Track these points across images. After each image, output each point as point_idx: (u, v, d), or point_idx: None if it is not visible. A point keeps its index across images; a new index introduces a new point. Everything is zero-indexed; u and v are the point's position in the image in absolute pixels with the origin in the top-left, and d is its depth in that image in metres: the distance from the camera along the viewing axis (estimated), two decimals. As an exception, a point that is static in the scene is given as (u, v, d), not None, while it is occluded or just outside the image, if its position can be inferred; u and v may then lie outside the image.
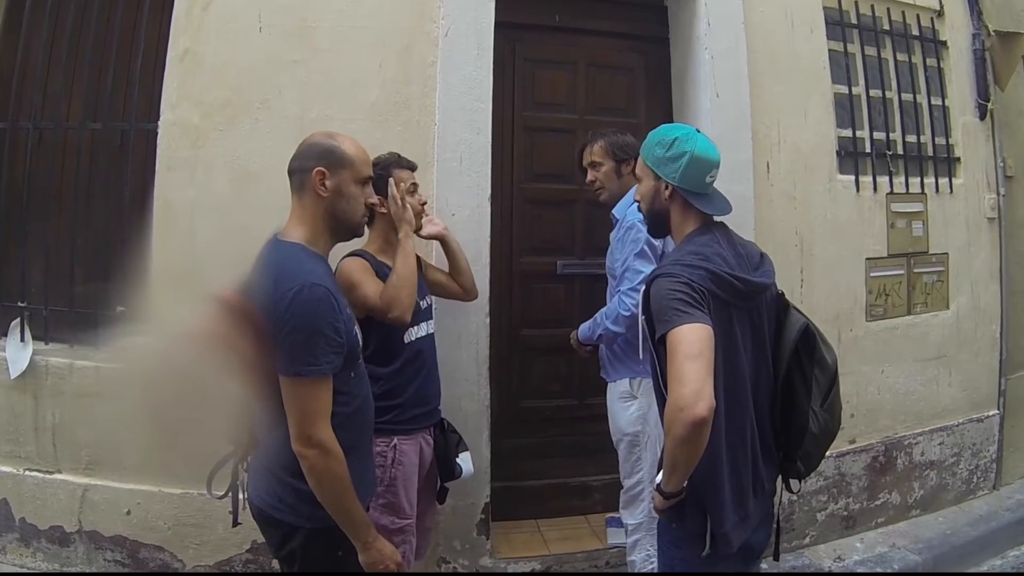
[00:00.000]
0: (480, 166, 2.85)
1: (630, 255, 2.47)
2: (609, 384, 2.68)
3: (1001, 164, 3.95)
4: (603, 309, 2.58)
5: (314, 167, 1.64)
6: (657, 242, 2.46)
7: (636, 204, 2.54)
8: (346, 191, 1.67)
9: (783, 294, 1.81)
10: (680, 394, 1.43)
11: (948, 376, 3.74)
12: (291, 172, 1.69)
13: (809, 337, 1.72)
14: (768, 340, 1.73)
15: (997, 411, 3.90)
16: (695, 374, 1.43)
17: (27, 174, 2.90)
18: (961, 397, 3.78)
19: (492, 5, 2.90)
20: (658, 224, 1.81)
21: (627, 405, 2.57)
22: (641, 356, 1.70)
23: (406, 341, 2.26)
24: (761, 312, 1.70)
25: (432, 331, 2.41)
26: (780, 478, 1.82)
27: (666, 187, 1.72)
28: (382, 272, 2.20)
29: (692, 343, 1.47)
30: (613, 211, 2.66)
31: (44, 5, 2.92)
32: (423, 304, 2.35)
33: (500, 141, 3.07)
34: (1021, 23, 3.96)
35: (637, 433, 2.55)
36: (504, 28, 2.99)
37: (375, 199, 1.80)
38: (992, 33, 3.85)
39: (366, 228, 2.21)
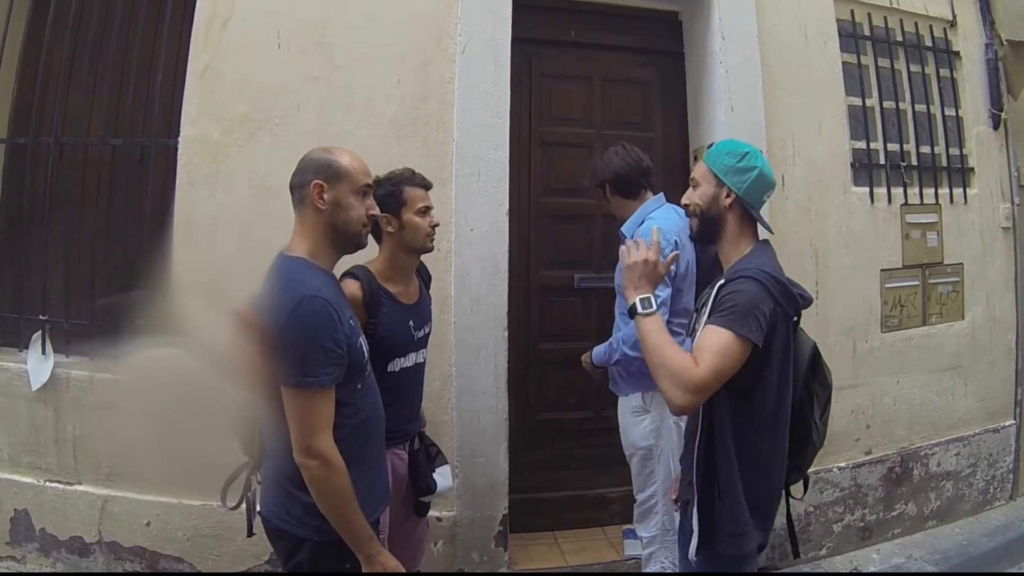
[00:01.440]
0: (498, 181, 2.88)
1: None
2: (621, 398, 2.67)
3: (1015, 173, 3.95)
4: (618, 334, 2.53)
5: (312, 181, 1.66)
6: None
7: (646, 221, 2.58)
8: (344, 203, 1.68)
9: None
10: (704, 380, 1.53)
11: (964, 386, 3.73)
12: (292, 188, 1.72)
13: (816, 356, 1.78)
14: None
15: (1013, 421, 3.88)
16: (716, 385, 1.56)
17: (48, 189, 2.92)
18: (977, 407, 3.77)
19: (509, 22, 2.92)
20: (709, 230, 1.81)
21: (640, 419, 2.56)
22: None
23: (388, 370, 2.07)
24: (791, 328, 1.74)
25: (423, 360, 2.24)
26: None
27: (727, 195, 1.74)
28: (377, 298, 2.04)
29: (736, 361, 1.56)
30: (622, 229, 2.64)
31: (65, 22, 2.96)
32: (418, 334, 2.19)
33: (517, 156, 3.08)
34: (1034, 32, 3.97)
35: (650, 447, 2.54)
36: (520, 44, 3.02)
37: (376, 210, 1.78)
38: (1005, 43, 3.85)
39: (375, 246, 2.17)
